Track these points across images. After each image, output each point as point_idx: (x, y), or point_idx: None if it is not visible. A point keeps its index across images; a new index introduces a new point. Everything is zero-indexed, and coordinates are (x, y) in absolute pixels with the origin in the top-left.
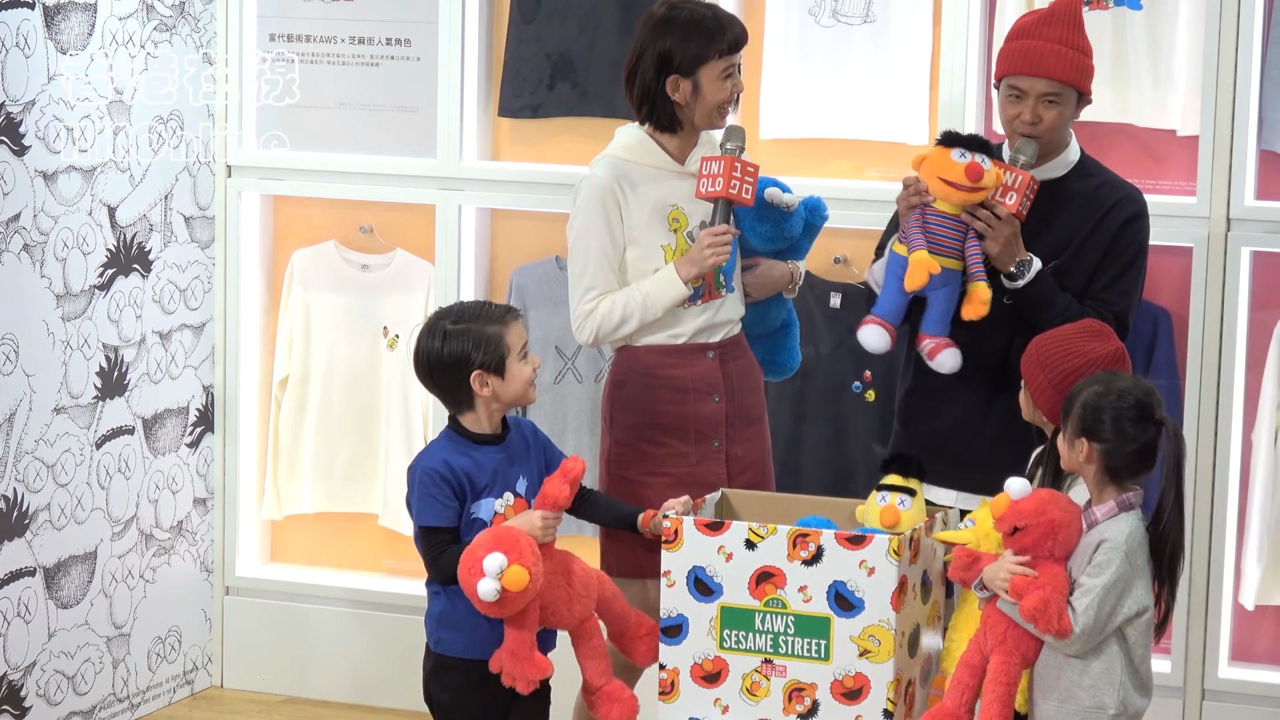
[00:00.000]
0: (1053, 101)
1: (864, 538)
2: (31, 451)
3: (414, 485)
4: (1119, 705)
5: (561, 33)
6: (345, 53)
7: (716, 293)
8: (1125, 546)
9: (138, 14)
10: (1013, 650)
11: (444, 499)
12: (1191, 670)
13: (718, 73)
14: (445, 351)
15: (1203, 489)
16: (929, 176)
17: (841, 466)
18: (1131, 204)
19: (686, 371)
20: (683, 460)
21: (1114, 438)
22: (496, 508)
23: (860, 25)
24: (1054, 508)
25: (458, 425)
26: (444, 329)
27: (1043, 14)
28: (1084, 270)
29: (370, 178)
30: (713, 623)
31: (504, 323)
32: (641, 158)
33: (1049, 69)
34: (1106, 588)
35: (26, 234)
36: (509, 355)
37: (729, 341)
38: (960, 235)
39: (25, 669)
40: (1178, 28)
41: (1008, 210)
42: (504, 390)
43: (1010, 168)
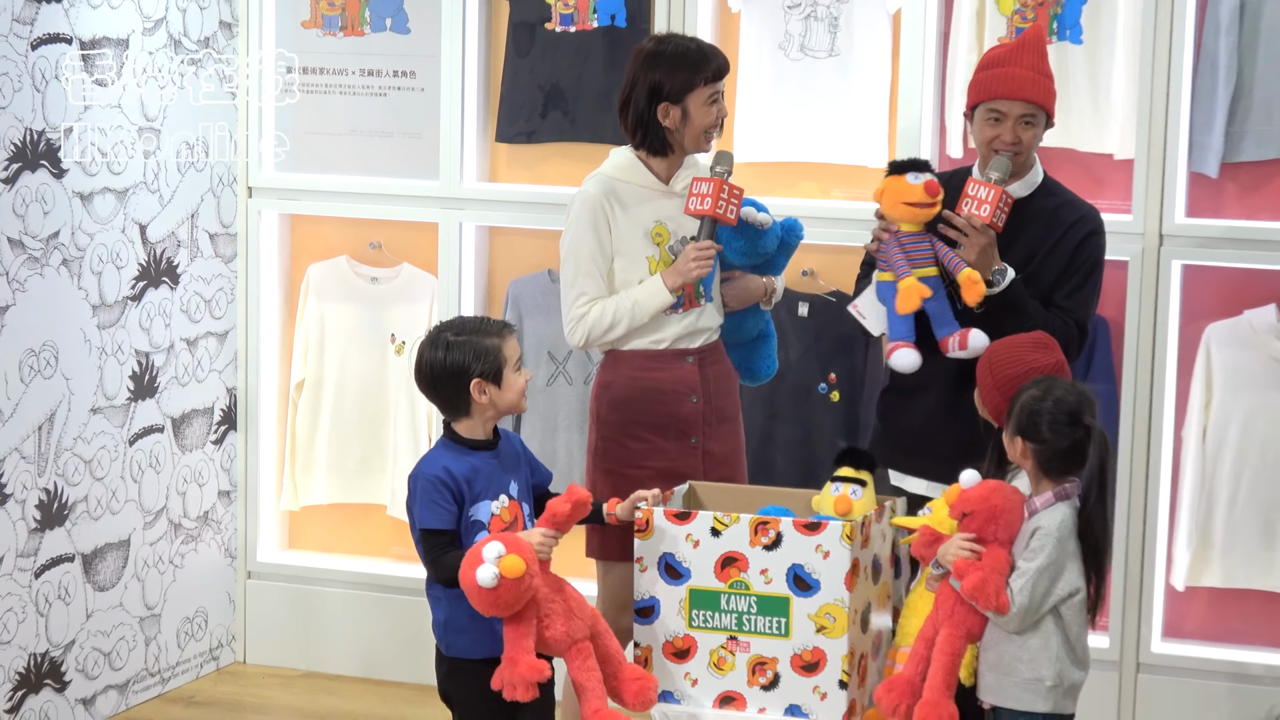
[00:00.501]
0: (1029, 123)
1: (819, 524)
2: (70, 449)
3: (416, 491)
4: (1055, 678)
5: (553, 66)
6: (356, 84)
7: (696, 302)
8: (1058, 533)
9: (166, 48)
10: (958, 625)
11: (445, 503)
12: (1127, 646)
13: (704, 99)
14: (448, 361)
15: (1137, 481)
16: (892, 204)
17: (809, 461)
18: (1089, 222)
19: (668, 375)
20: (662, 455)
21: (1046, 439)
22: (493, 509)
23: (826, 59)
24: (997, 495)
25: (453, 434)
26: (446, 340)
27: (1015, 44)
28: (1046, 281)
29: (379, 198)
30: (682, 604)
31: (501, 336)
32: (630, 177)
33: (1027, 93)
34: (1040, 570)
35: (65, 250)
36: (505, 366)
37: (707, 347)
38: (930, 245)
39: (65, 646)
40: (1115, 61)
41: (982, 221)
42: (500, 399)
43: (984, 183)
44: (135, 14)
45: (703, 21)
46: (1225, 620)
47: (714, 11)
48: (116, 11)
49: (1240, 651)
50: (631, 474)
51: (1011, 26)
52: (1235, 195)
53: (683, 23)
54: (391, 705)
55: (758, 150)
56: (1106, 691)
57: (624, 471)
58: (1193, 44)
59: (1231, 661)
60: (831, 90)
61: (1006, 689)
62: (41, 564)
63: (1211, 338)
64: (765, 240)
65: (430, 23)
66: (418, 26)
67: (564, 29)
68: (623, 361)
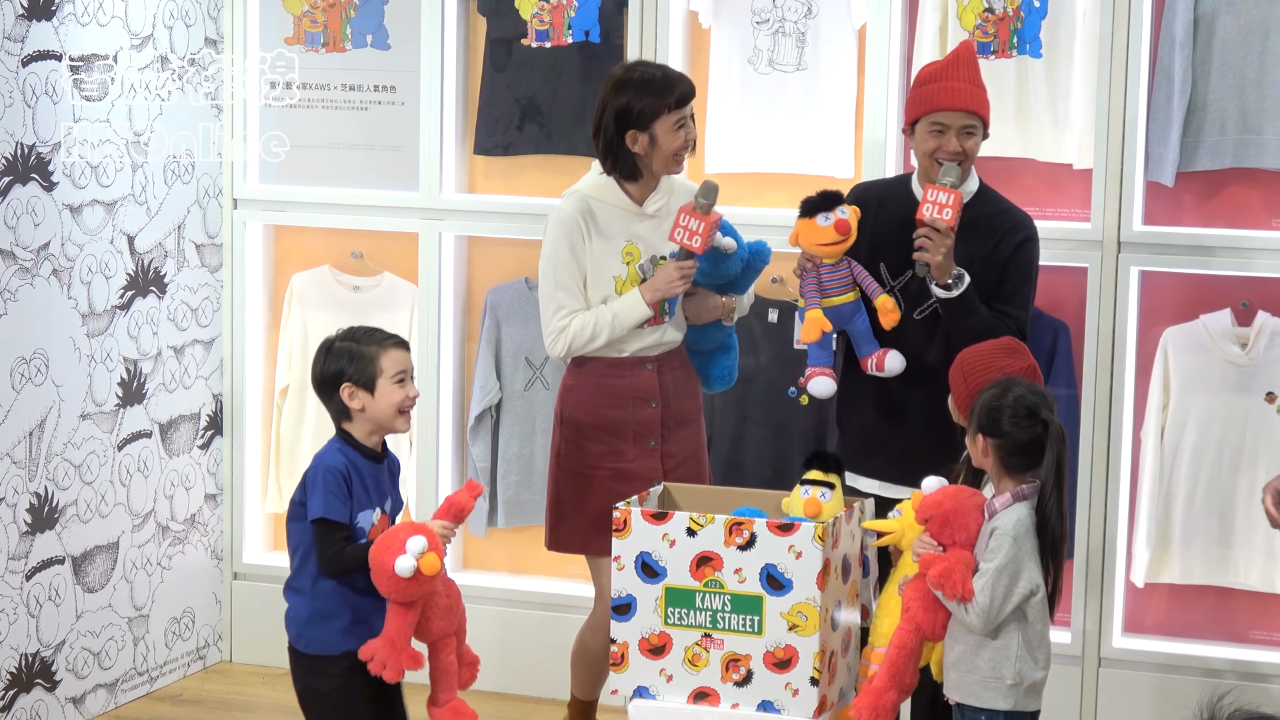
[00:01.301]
0: (970, 132)
1: (792, 525)
2: (60, 453)
3: (317, 481)
4: (1015, 676)
5: (529, 80)
6: (338, 98)
7: (660, 319)
8: (1014, 532)
9: (153, 65)
10: (910, 620)
11: (343, 497)
12: (1089, 641)
13: (670, 125)
14: (325, 364)
15: (1098, 481)
16: (807, 245)
17: (780, 463)
18: (1023, 229)
19: (627, 381)
20: (620, 457)
21: (1005, 433)
22: (373, 519)
23: (794, 73)
24: (951, 500)
25: (346, 435)
26: (330, 344)
27: (949, 60)
28: (983, 286)
29: (360, 209)
30: (658, 602)
31: (383, 346)
32: (605, 196)
33: (967, 103)
34: (998, 570)
35: (55, 260)
36: (380, 376)
37: (667, 355)
38: (848, 272)
39: (56, 646)
40: (1073, 74)
41: (946, 224)
42: (372, 407)
43: (942, 188)
44: (123, 31)
45: (674, 37)
46: (1184, 615)
47: (685, 27)
48: (105, 29)
49: (1199, 646)
50: (590, 474)
51: (973, 41)
52: (1191, 204)
53: (655, 38)
54: None
55: (727, 162)
56: (1069, 686)
57: (583, 472)
58: (1149, 58)
59: (1190, 656)
60: (799, 104)
61: (968, 686)
62: (32, 566)
63: (1169, 341)
64: (729, 264)
65: (410, 39)
66: (398, 43)
67: (540, 45)
68: (586, 367)
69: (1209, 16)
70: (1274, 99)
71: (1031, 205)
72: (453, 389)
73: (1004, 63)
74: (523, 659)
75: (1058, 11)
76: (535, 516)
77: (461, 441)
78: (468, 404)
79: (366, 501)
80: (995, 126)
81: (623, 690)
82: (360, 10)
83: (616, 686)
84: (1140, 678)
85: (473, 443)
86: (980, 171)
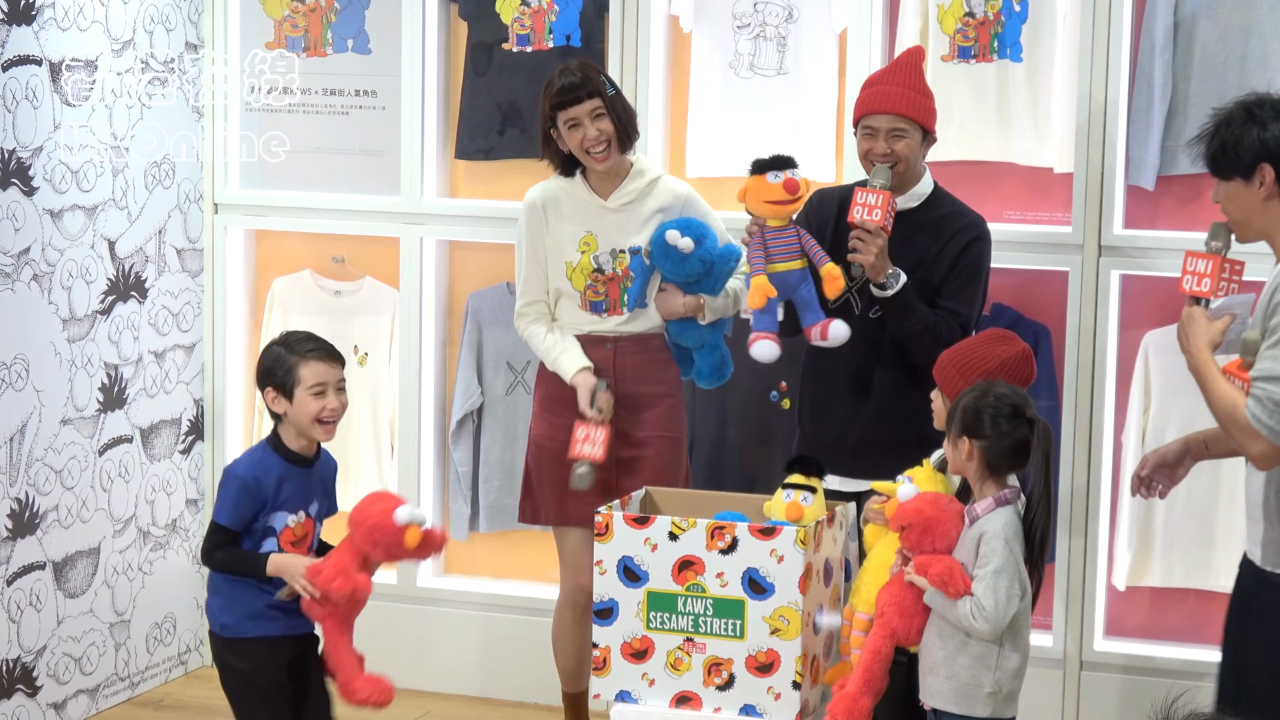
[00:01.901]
0: (899, 135)
1: (774, 529)
2: (41, 459)
3: (226, 486)
4: (994, 684)
5: (510, 85)
6: (319, 103)
7: (619, 310)
8: (1003, 535)
9: (134, 70)
10: (885, 625)
11: (243, 508)
12: (1070, 644)
13: (564, 124)
14: (259, 366)
15: (1079, 484)
16: (755, 202)
17: (761, 466)
18: (972, 229)
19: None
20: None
21: (991, 434)
22: (289, 521)
23: (775, 76)
24: (930, 507)
25: (275, 438)
26: (269, 345)
27: (891, 65)
28: (933, 284)
29: (342, 214)
30: (640, 606)
31: (305, 357)
32: (572, 188)
33: (894, 106)
34: (996, 573)
35: (36, 265)
36: (298, 387)
37: (629, 338)
38: (796, 240)
39: (37, 652)
40: (1054, 78)
41: (875, 224)
42: (292, 414)
43: (871, 189)
44: (104, 36)
45: (655, 41)
46: (1165, 619)
47: (666, 32)
48: (85, 34)
49: (1180, 649)
50: (550, 446)
51: (954, 45)
52: (1171, 208)
53: (635, 43)
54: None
55: (708, 165)
56: (1050, 689)
57: (545, 445)
58: (1129, 62)
59: (1172, 659)
60: (780, 107)
61: (946, 693)
62: (13, 572)
63: (1150, 345)
64: (689, 264)
65: (391, 44)
66: (379, 47)
67: (520, 49)
68: None
69: (1189, 21)
70: None
71: (1012, 209)
72: (434, 394)
73: (985, 67)
74: (504, 663)
75: (1038, 16)
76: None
77: (443, 446)
78: (449, 409)
79: (286, 504)
80: (976, 130)
81: (605, 695)
82: (341, 15)
83: (599, 691)
84: (1121, 681)
85: (454, 447)
86: (961, 175)
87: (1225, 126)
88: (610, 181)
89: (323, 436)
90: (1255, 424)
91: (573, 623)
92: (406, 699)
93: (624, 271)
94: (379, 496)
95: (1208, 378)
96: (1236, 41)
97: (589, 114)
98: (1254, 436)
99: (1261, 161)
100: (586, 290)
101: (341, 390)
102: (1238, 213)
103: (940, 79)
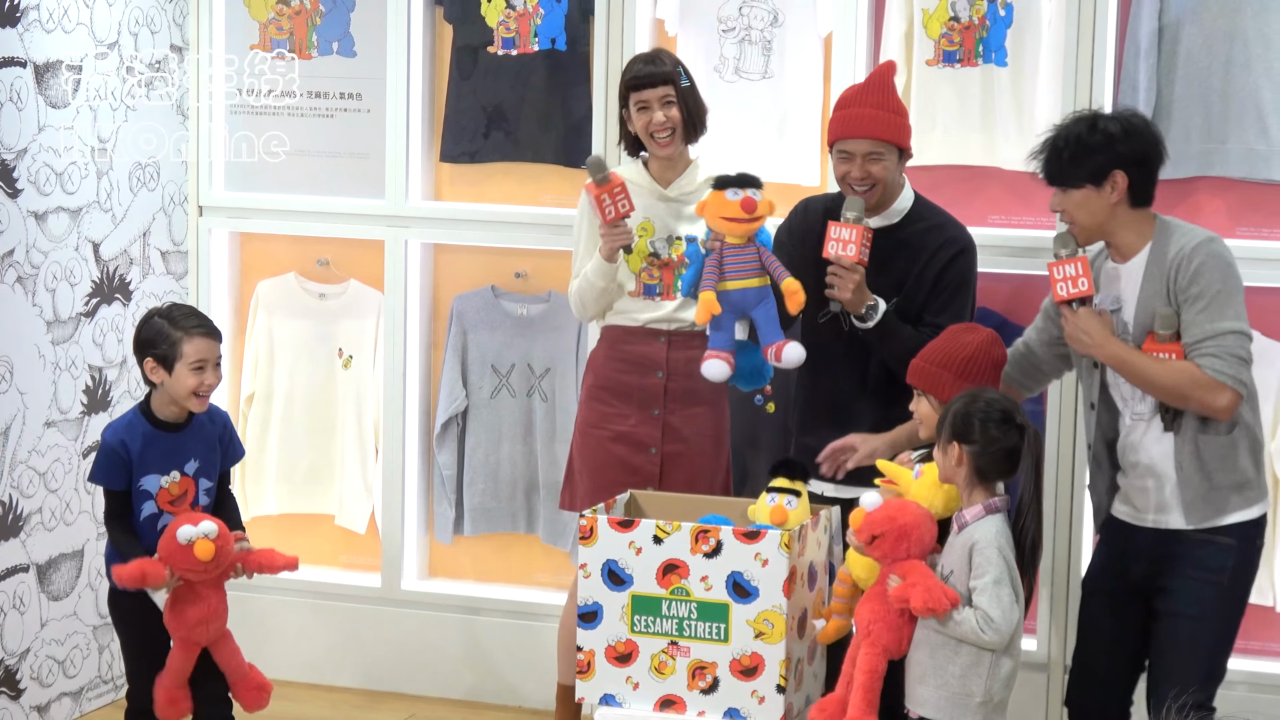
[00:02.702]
0: (876, 158)
1: (759, 533)
2: (25, 461)
3: (99, 451)
4: (985, 694)
5: (495, 88)
6: (304, 105)
7: (671, 295)
8: (996, 544)
9: (118, 72)
10: (875, 643)
11: (114, 469)
12: (1055, 648)
13: (633, 107)
14: (139, 334)
15: (1064, 489)
16: (713, 217)
17: (746, 471)
18: (956, 243)
19: (638, 349)
20: (624, 420)
21: (981, 440)
22: (162, 483)
23: (760, 81)
24: (904, 514)
25: (146, 404)
26: (150, 315)
27: (862, 85)
28: (918, 301)
29: (326, 216)
30: (624, 609)
31: (189, 333)
32: (632, 175)
33: (869, 131)
34: (997, 583)
35: (20, 267)
36: (179, 361)
37: (682, 333)
38: (756, 257)
39: (20, 655)
40: (1039, 83)
41: (850, 260)
42: (170, 385)
43: (845, 224)
44: (88, 38)
45: (640, 45)
46: None
47: (651, 35)
48: (70, 36)
49: None
50: (595, 434)
51: (939, 49)
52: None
53: (621, 46)
54: (340, 710)
55: None
56: (1034, 693)
57: (590, 431)
58: (1114, 67)
59: None
60: (765, 111)
61: (936, 701)
62: None
63: None
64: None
65: (376, 46)
66: (364, 50)
67: (506, 52)
68: (606, 334)
69: (1174, 26)
70: (1238, 108)
71: (997, 214)
72: (419, 396)
73: (969, 71)
74: (489, 667)
75: (1023, 20)
76: (501, 524)
77: (428, 449)
78: (434, 411)
79: (155, 467)
80: (961, 135)
81: (589, 698)
82: (326, 18)
83: (583, 694)
84: None
85: (439, 450)
86: (945, 180)
87: (1071, 141)
88: (671, 171)
89: (197, 407)
90: (1219, 377)
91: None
92: (391, 702)
93: (679, 258)
94: (183, 519)
95: (1137, 362)
96: (1221, 46)
97: (659, 100)
98: (1219, 390)
99: (1114, 169)
100: (641, 273)
101: (218, 366)
102: (1088, 218)
103: (925, 83)
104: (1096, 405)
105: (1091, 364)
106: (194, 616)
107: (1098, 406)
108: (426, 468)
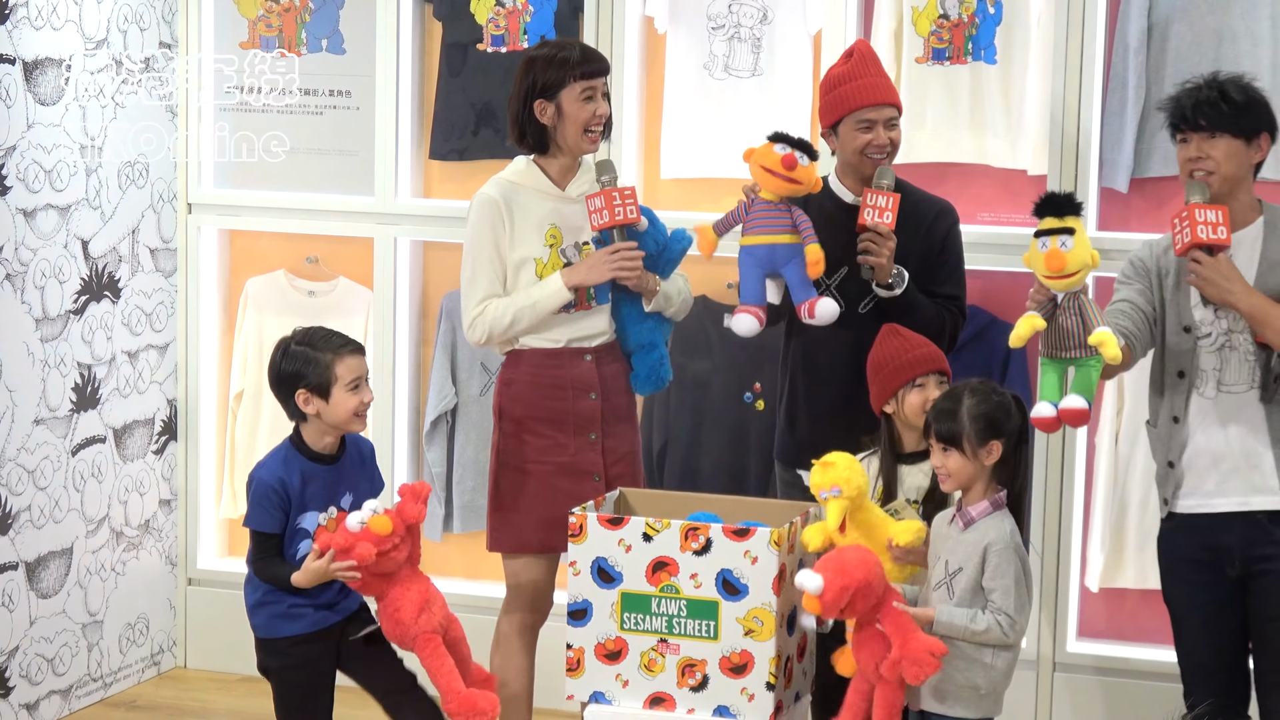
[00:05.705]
0: (894, 124)
1: (748, 531)
2: (14, 459)
3: (251, 494)
4: (989, 685)
5: (484, 85)
6: (293, 103)
7: (587, 304)
8: (1011, 543)
9: (107, 69)
10: (889, 679)
11: (273, 510)
12: (1044, 645)
13: (577, 94)
14: (282, 368)
15: (1052, 486)
16: (754, 165)
17: (736, 467)
18: (948, 214)
19: (566, 372)
20: (562, 450)
21: (1008, 425)
22: (320, 520)
23: (749, 78)
24: (855, 572)
25: (298, 438)
26: (286, 345)
27: (857, 60)
28: (921, 272)
29: (315, 214)
30: (614, 607)
31: (338, 353)
32: (527, 180)
33: (889, 96)
34: (1017, 580)
35: (9, 265)
36: (335, 384)
37: (604, 347)
38: (788, 215)
39: (9, 653)
40: (1028, 80)
41: (888, 228)
42: (328, 413)
43: (880, 191)
44: (77, 35)
45: (630, 42)
46: (1138, 620)
47: (641, 32)
48: (59, 33)
49: (1152, 650)
50: (533, 469)
51: (928, 47)
52: (1143, 210)
53: (610, 43)
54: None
55: (683, 167)
56: (1024, 690)
57: (525, 467)
58: (1103, 64)
59: (1144, 660)
60: (755, 109)
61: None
62: None
63: None
64: (643, 242)
65: (365, 44)
66: (353, 47)
67: (495, 49)
68: (523, 359)
69: (1163, 23)
70: None
71: (986, 211)
72: (408, 394)
73: (959, 69)
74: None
75: (1012, 18)
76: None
77: (417, 446)
78: (423, 409)
79: (315, 504)
80: (950, 132)
81: (579, 696)
82: (315, 15)
83: (572, 692)
84: (1095, 682)
85: (428, 448)
86: (934, 177)
87: (1243, 89)
88: (570, 173)
89: (359, 427)
90: None
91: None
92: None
93: None
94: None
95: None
96: (1210, 45)
97: (602, 90)
98: None
99: (1264, 130)
100: None
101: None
102: (1234, 168)
103: (914, 80)
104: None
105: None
106: (414, 602)
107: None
108: (416, 465)
